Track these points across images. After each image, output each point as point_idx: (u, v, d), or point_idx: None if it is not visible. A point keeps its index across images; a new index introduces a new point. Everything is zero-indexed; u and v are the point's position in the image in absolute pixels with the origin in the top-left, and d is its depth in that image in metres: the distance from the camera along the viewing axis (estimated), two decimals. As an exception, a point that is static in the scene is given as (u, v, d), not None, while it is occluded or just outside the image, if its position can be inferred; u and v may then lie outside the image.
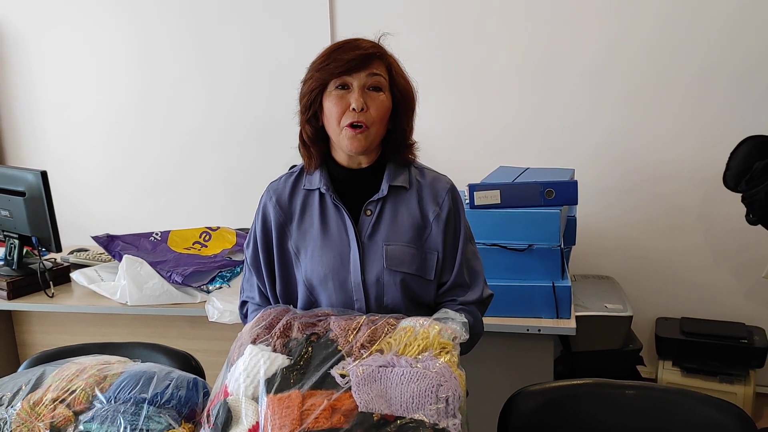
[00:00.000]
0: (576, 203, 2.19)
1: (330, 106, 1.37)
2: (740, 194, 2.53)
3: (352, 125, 1.35)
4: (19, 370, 1.53)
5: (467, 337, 1.28)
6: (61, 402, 1.23)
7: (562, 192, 2.13)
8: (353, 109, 1.34)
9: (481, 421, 1.53)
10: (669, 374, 2.80)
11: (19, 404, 1.24)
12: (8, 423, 1.20)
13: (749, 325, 2.85)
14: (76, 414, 1.21)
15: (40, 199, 2.37)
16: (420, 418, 1.07)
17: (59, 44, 3.70)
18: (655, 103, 2.98)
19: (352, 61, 1.34)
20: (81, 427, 1.18)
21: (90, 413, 1.21)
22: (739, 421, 1.29)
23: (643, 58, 2.95)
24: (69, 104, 3.77)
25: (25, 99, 3.83)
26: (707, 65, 2.88)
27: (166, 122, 3.66)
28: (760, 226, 2.51)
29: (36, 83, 3.79)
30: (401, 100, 1.42)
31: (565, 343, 2.73)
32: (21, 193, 2.42)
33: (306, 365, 1.17)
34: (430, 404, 1.09)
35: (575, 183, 2.16)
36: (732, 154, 2.55)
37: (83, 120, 3.77)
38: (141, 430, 1.17)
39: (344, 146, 1.39)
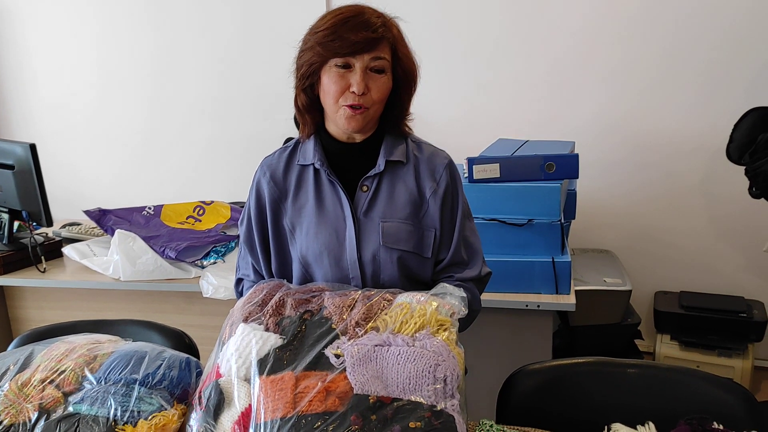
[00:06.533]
0: (577, 177, 2.15)
1: (329, 83, 1.30)
2: (743, 167, 2.49)
3: (351, 106, 1.30)
4: (9, 348, 1.51)
5: (466, 312, 1.25)
6: (50, 383, 1.20)
7: (563, 165, 2.08)
8: (353, 91, 1.28)
9: (480, 399, 1.52)
10: (667, 348, 2.79)
11: (6, 385, 1.21)
12: (-5, 404, 1.17)
13: (748, 299, 2.83)
14: (66, 395, 1.18)
15: (29, 172, 2.33)
16: (417, 399, 1.04)
17: (48, 15, 3.60)
18: (659, 77, 2.91)
19: (359, 44, 1.27)
20: (70, 409, 1.15)
21: (80, 394, 1.18)
22: (743, 400, 1.27)
23: (651, 30, 2.88)
24: (59, 76, 3.69)
25: (13, 71, 3.75)
26: (716, 42, 2.81)
27: (158, 93, 3.59)
28: (762, 199, 2.47)
29: (25, 55, 3.70)
30: (403, 81, 1.36)
31: (563, 318, 2.71)
32: (10, 167, 2.38)
33: (299, 344, 1.14)
34: (428, 385, 1.06)
35: (576, 156, 2.11)
36: (736, 125, 2.50)
37: (73, 92, 3.69)
38: (132, 411, 1.14)
39: (340, 124, 1.34)
